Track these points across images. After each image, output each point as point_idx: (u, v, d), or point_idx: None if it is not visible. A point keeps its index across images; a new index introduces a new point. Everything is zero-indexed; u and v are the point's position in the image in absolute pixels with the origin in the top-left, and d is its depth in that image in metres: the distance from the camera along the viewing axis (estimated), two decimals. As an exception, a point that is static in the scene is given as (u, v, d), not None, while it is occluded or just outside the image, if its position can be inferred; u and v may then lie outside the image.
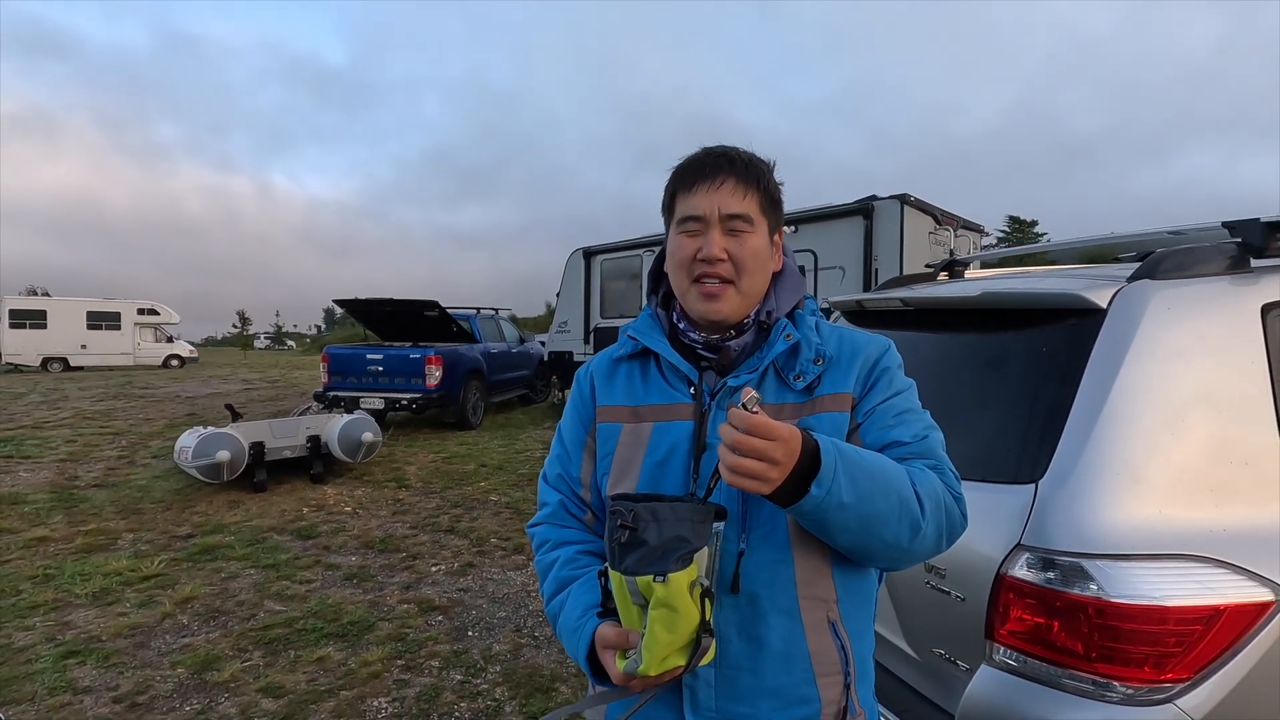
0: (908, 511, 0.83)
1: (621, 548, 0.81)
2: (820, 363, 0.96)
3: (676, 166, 1.00)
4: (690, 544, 0.80)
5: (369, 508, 5.62)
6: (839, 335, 1.01)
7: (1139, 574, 1.14)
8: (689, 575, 0.79)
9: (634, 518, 0.80)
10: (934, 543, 0.87)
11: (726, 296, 0.96)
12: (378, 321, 10.95)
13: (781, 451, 0.76)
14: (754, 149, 1.01)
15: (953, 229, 7.55)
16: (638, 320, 1.09)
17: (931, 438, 0.94)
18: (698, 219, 0.96)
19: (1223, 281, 1.38)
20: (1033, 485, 1.27)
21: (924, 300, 1.72)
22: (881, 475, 0.83)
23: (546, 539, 1.07)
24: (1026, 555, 1.24)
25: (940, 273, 2.42)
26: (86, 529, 4.94)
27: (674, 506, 0.81)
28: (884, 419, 0.94)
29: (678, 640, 0.80)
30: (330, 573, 4.14)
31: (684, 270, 0.98)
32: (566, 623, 0.97)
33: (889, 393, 0.96)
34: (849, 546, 0.86)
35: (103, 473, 6.79)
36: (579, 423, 1.09)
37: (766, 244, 0.98)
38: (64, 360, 24.36)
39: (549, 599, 1.03)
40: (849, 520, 0.81)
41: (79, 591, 3.77)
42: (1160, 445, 1.22)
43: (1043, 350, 1.42)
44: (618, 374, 1.07)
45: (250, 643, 3.21)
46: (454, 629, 3.38)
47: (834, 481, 0.79)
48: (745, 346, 0.99)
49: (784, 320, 1.00)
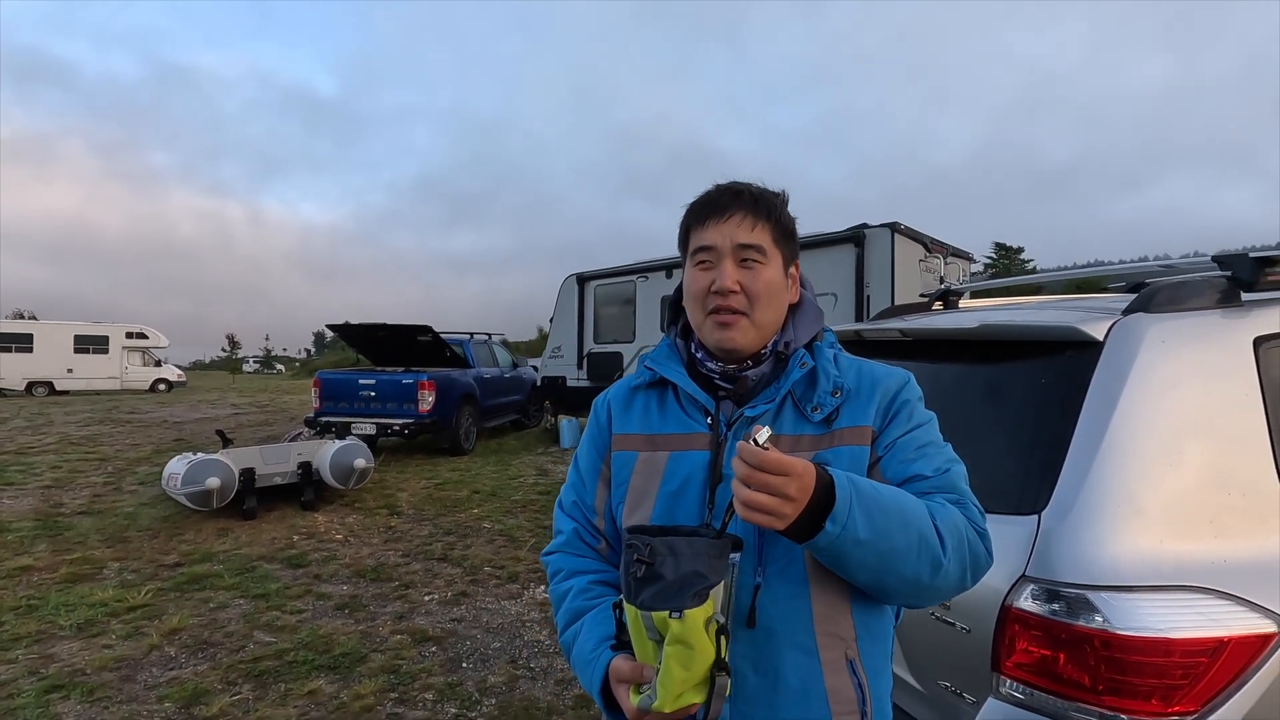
0: (928, 548, 0.83)
1: (638, 582, 0.81)
2: (838, 395, 0.96)
3: (690, 203, 1.03)
4: (707, 580, 0.80)
5: (360, 535, 5.55)
6: (858, 367, 1.01)
7: (1144, 606, 1.15)
8: (705, 611, 0.79)
9: (650, 552, 0.80)
10: (957, 579, 0.86)
11: (740, 327, 0.97)
12: (370, 346, 10.93)
13: (795, 487, 0.77)
14: (741, 176, 1.04)
15: (943, 256, 7.66)
16: (656, 350, 1.11)
17: (954, 471, 0.94)
18: (710, 250, 0.98)
19: (1214, 315, 1.41)
20: (1035, 516, 1.28)
21: (922, 331, 1.75)
22: (899, 511, 0.83)
23: (561, 568, 1.08)
24: (1031, 587, 1.24)
25: (935, 302, 2.46)
26: (71, 558, 4.85)
27: (691, 541, 0.81)
28: (905, 452, 0.94)
29: (693, 677, 0.79)
30: (321, 602, 4.07)
31: (698, 302, 1.00)
32: (580, 654, 0.97)
33: (910, 426, 0.96)
34: (868, 583, 0.86)
35: (88, 499, 6.69)
36: (595, 450, 1.10)
37: (781, 276, 1.00)
38: (49, 384, 24.10)
39: (563, 629, 1.03)
40: (866, 557, 0.82)
41: (63, 623, 3.69)
42: (1160, 476, 1.24)
43: (1041, 382, 1.44)
44: (635, 403, 1.08)
45: (239, 675, 3.14)
46: (448, 660, 3.33)
47: (849, 517, 0.79)
48: (762, 377, 1.00)
49: (801, 350, 1.01)
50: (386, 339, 10.35)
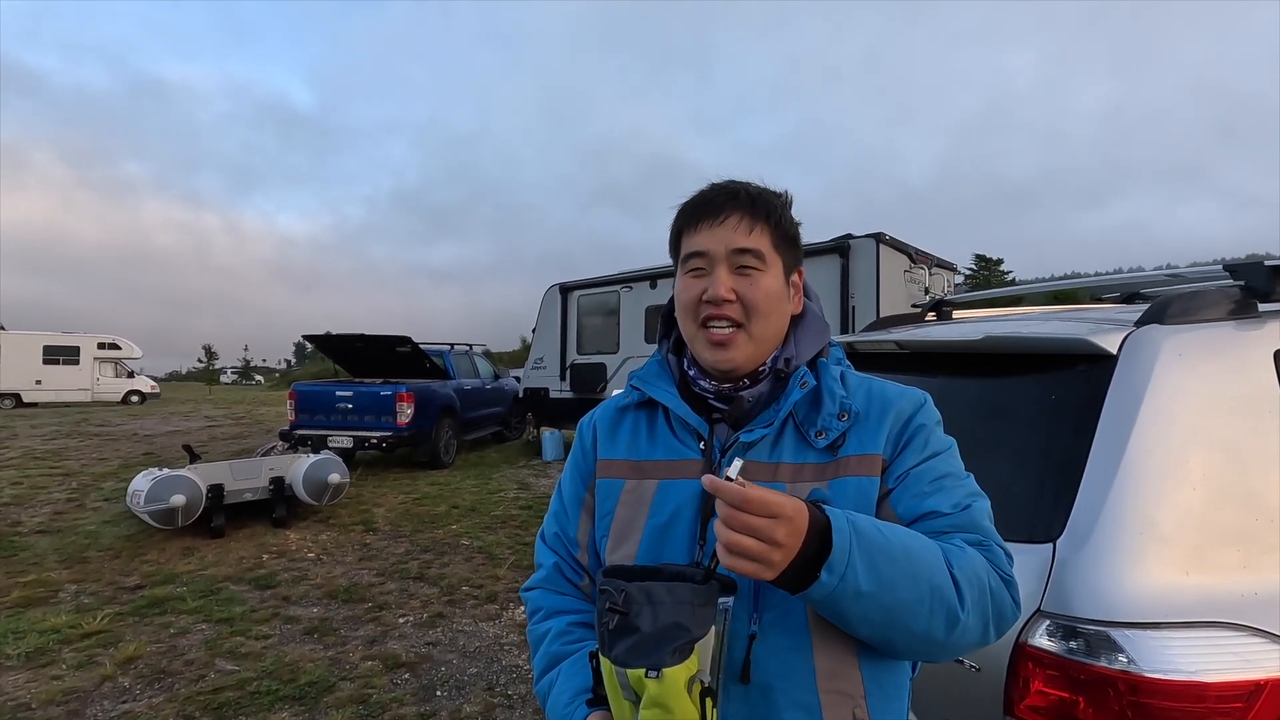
0: (941, 601, 0.73)
1: (611, 634, 0.70)
2: (845, 418, 0.87)
3: (682, 203, 0.93)
4: (689, 633, 0.69)
5: (334, 553, 5.35)
6: (868, 387, 0.91)
7: (1172, 645, 1.05)
8: (687, 670, 0.69)
9: (625, 600, 0.69)
10: (978, 635, 0.76)
11: (736, 342, 0.87)
12: (348, 357, 10.71)
13: (784, 531, 0.66)
14: None
15: (927, 267, 7.66)
16: (645, 366, 1.01)
17: (975, 508, 0.83)
18: (703, 255, 0.88)
19: (1228, 326, 1.33)
20: (1050, 545, 1.18)
21: (921, 344, 1.66)
22: (907, 559, 0.72)
23: (540, 606, 0.98)
24: (1047, 623, 1.14)
25: (928, 313, 2.38)
26: (25, 580, 4.61)
27: (672, 588, 0.71)
28: (919, 485, 0.84)
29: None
30: (289, 626, 3.89)
31: (690, 313, 0.90)
32: (555, 708, 0.87)
33: (925, 454, 0.85)
34: (872, 639, 0.76)
35: (48, 517, 6.41)
36: (578, 477, 1.00)
37: (781, 284, 0.90)
38: (16, 396, 23.42)
39: (539, 676, 0.93)
40: (869, 611, 0.71)
41: (10, 652, 3.48)
42: (1182, 500, 1.15)
43: (1051, 398, 1.35)
44: (623, 425, 0.98)
45: (197, 708, 2.96)
46: (421, 689, 3.17)
47: (848, 566, 0.69)
48: (760, 397, 0.90)
49: (803, 368, 0.91)
50: (365, 350, 10.14)
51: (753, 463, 0.85)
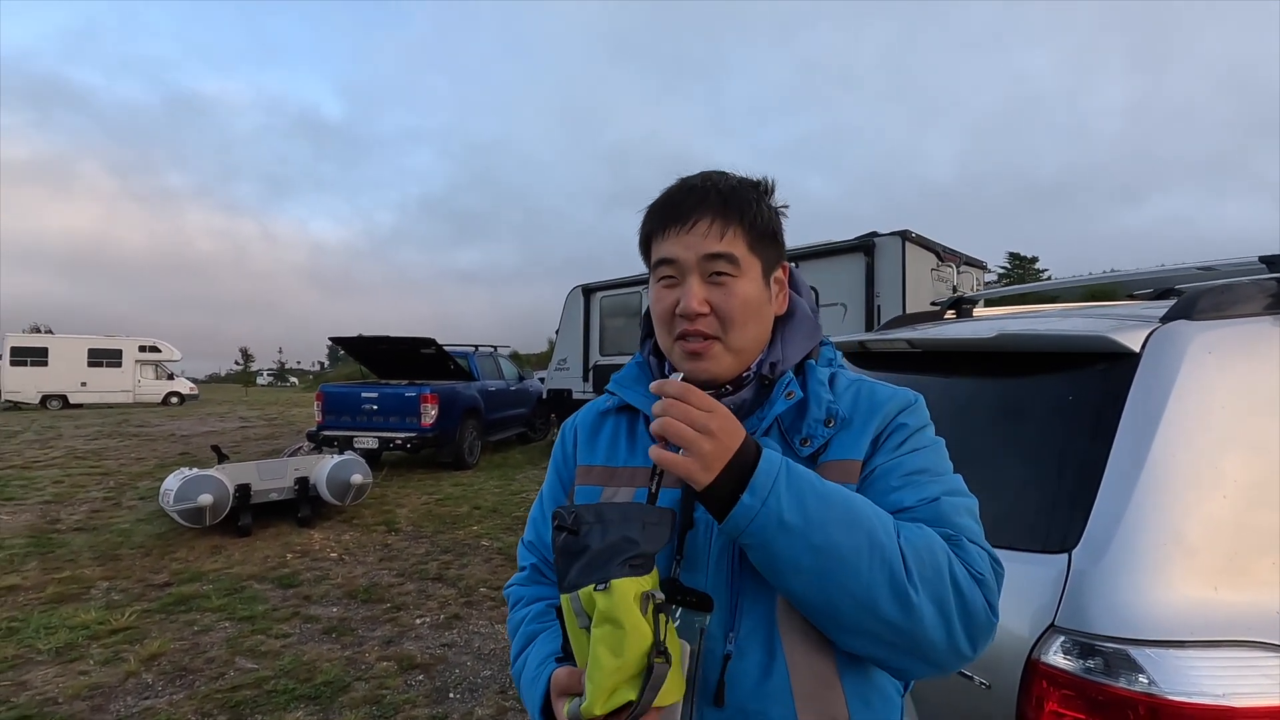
0: (883, 561, 0.67)
1: (564, 559, 0.68)
2: (831, 424, 0.81)
3: (650, 204, 0.87)
4: (639, 546, 0.67)
5: (355, 553, 5.40)
6: (857, 390, 0.85)
7: (1197, 665, 0.97)
8: (638, 584, 0.65)
9: (575, 520, 0.68)
10: (937, 631, 0.68)
11: (713, 354, 0.82)
12: (375, 359, 10.85)
13: (718, 424, 0.68)
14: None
15: (955, 265, 7.47)
16: (624, 370, 0.97)
17: (947, 502, 0.75)
18: (672, 264, 0.82)
19: (1264, 322, 1.24)
20: (1065, 555, 1.11)
21: (932, 342, 1.58)
22: (845, 503, 0.69)
23: (520, 597, 0.97)
24: (1062, 639, 1.07)
25: (947, 311, 2.30)
26: (60, 576, 4.74)
27: (622, 507, 0.71)
28: (888, 480, 0.77)
29: (627, 666, 0.63)
30: (309, 625, 3.92)
31: (664, 325, 0.85)
32: (525, 677, 0.84)
33: (901, 451, 0.80)
34: (816, 604, 0.69)
35: (86, 515, 6.60)
36: (558, 483, 0.97)
37: (759, 288, 0.84)
38: (63, 398, 24.29)
39: (514, 657, 0.90)
40: (799, 552, 0.67)
41: (42, 647, 3.56)
42: (1212, 509, 1.07)
43: (1069, 399, 1.27)
44: (603, 429, 0.94)
45: (215, 706, 2.99)
46: (435, 690, 3.16)
47: (772, 491, 0.67)
48: (743, 404, 0.84)
49: (789, 375, 0.85)
50: (390, 352, 10.27)
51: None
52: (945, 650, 0.69)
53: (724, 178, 0.85)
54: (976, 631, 0.70)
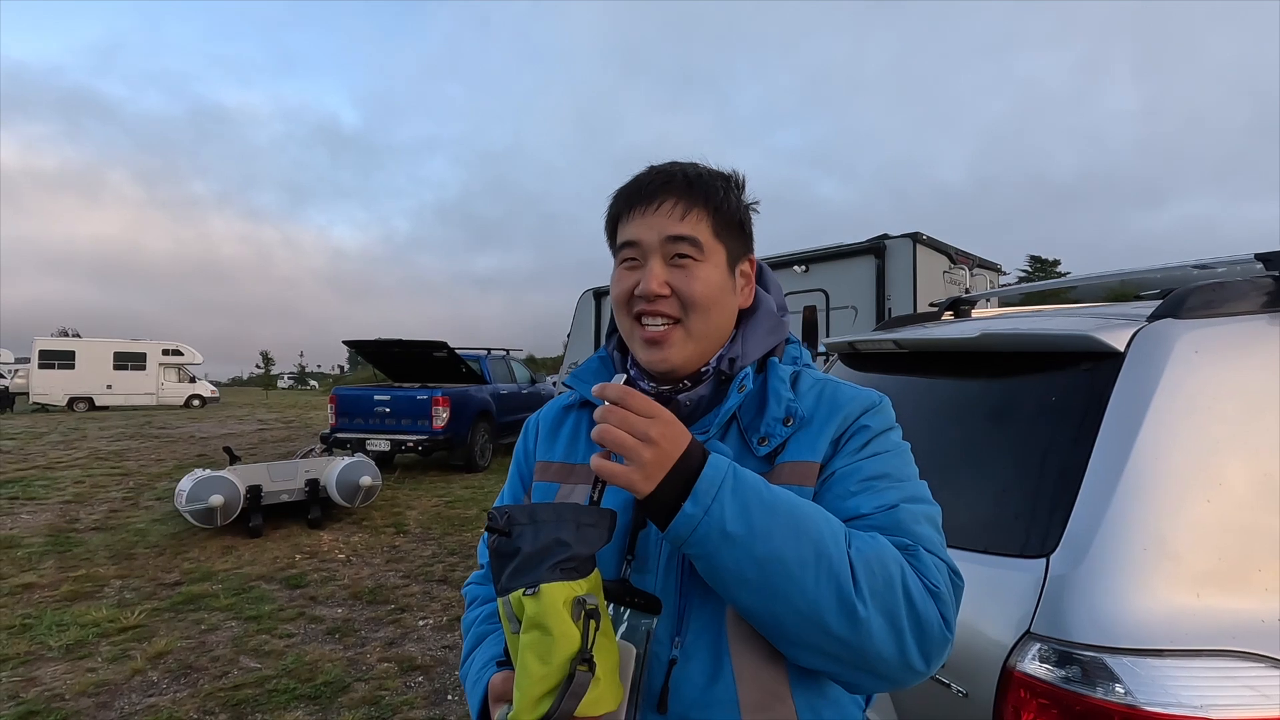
0: (829, 574, 0.64)
1: (497, 560, 0.67)
2: (790, 423, 0.79)
3: (617, 189, 0.86)
4: (570, 549, 0.65)
5: (363, 555, 5.44)
6: (820, 390, 0.83)
7: (1176, 675, 0.93)
8: (569, 590, 0.63)
9: (507, 520, 0.66)
10: (887, 644, 0.65)
11: (673, 340, 0.80)
12: (388, 363, 10.95)
13: (659, 430, 0.66)
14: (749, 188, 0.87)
15: (968, 267, 7.37)
16: (584, 364, 0.95)
17: (905, 510, 0.72)
18: (635, 246, 0.81)
19: (1259, 321, 1.20)
20: (1043, 560, 1.08)
21: (918, 342, 1.55)
22: (792, 513, 0.66)
23: (475, 596, 0.96)
24: (1038, 646, 1.03)
25: (945, 312, 2.26)
26: (75, 575, 4.82)
27: (557, 507, 0.68)
28: (845, 485, 0.75)
29: (552, 673, 0.61)
30: (313, 626, 3.95)
31: (624, 308, 0.83)
32: (469, 680, 0.84)
33: (861, 455, 0.77)
34: (760, 615, 0.67)
35: (104, 515, 6.72)
36: (518, 478, 0.96)
37: (723, 275, 0.82)
38: (89, 400, 24.80)
39: (463, 660, 0.89)
40: (742, 563, 0.64)
41: (53, 644, 3.63)
42: (1195, 514, 1.03)
43: (1051, 400, 1.24)
44: (564, 425, 0.93)
45: (217, 704, 3.02)
46: (433, 692, 3.17)
47: (715, 499, 0.64)
48: (700, 401, 0.82)
49: (747, 370, 0.83)
50: (403, 355, 10.35)
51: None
52: (897, 665, 0.66)
53: (692, 166, 0.85)
54: (930, 646, 0.67)
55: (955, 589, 0.70)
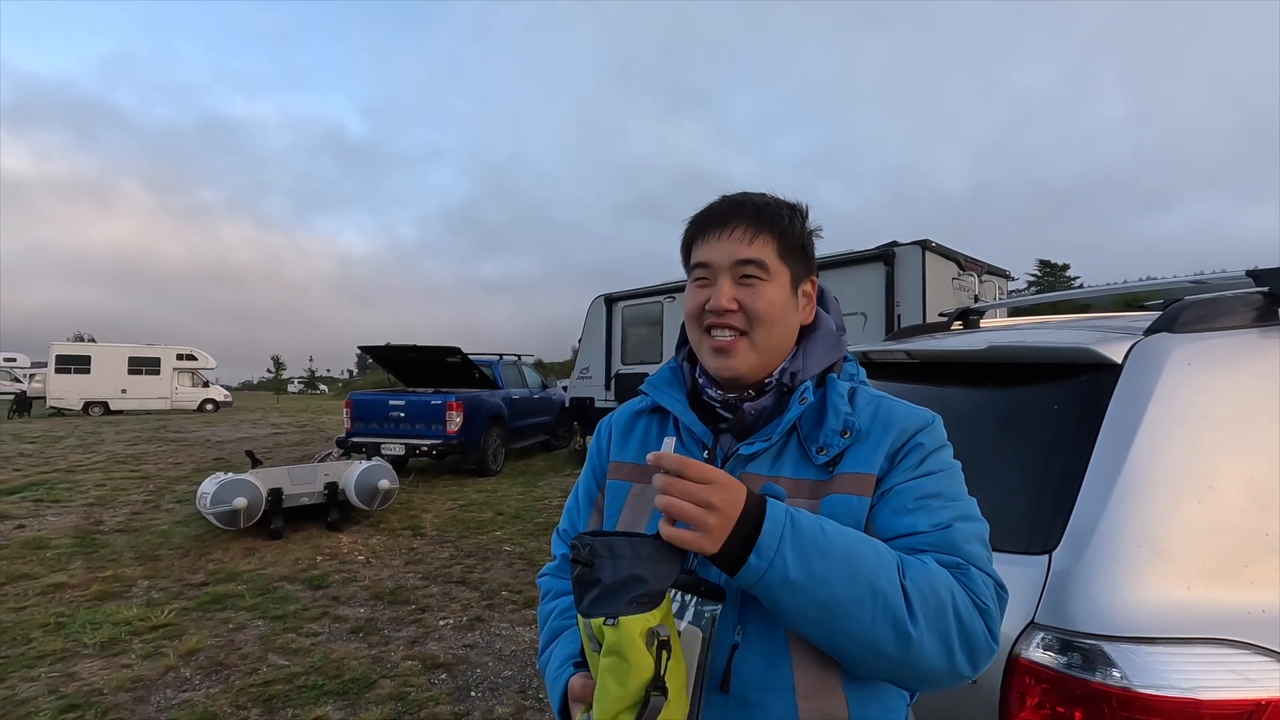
0: (885, 608, 0.71)
1: (579, 586, 0.74)
2: (848, 435, 0.85)
3: (692, 215, 0.96)
4: (646, 584, 0.71)
5: (382, 556, 5.56)
6: (876, 405, 0.89)
7: (1168, 661, 1.02)
8: (645, 621, 0.70)
9: (589, 552, 0.73)
10: (941, 659, 0.72)
11: (739, 350, 0.89)
12: (401, 368, 11.09)
13: (719, 496, 0.71)
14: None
15: (977, 274, 7.44)
16: (657, 373, 1.04)
17: (958, 530, 0.79)
18: (707, 266, 0.91)
19: (1250, 334, 1.29)
20: (1046, 556, 1.17)
21: (928, 353, 1.64)
22: (848, 558, 0.72)
23: (550, 588, 1.05)
24: (1042, 635, 1.12)
25: (955, 322, 2.34)
26: (104, 575, 4.95)
27: (633, 542, 0.73)
28: (901, 501, 0.81)
29: (628, 695, 0.70)
30: (337, 625, 4.06)
31: (695, 322, 0.93)
32: (549, 674, 0.93)
33: (916, 473, 0.83)
34: (818, 640, 0.75)
35: (127, 517, 6.86)
36: (592, 477, 1.05)
37: (787, 294, 0.90)
38: (105, 404, 25.09)
39: (541, 649, 0.98)
40: (803, 605, 0.72)
41: (87, 641, 3.75)
42: (1186, 514, 1.12)
43: (1054, 408, 1.33)
44: (636, 429, 1.02)
45: (249, 699, 3.13)
46: (456, 689, 3.27)
47: (778, 553, 0.70)
48: (763, 411, 0.90)
49: (807, 383, 0.90)
50: (417, 360, 10.49)
51: (750, 474, 0.87)
52: (947, 674, 0.74)
53: (760, 195, 0.94)
54: (977, 657, 0.75)
55: (1001, 602, 0.78)
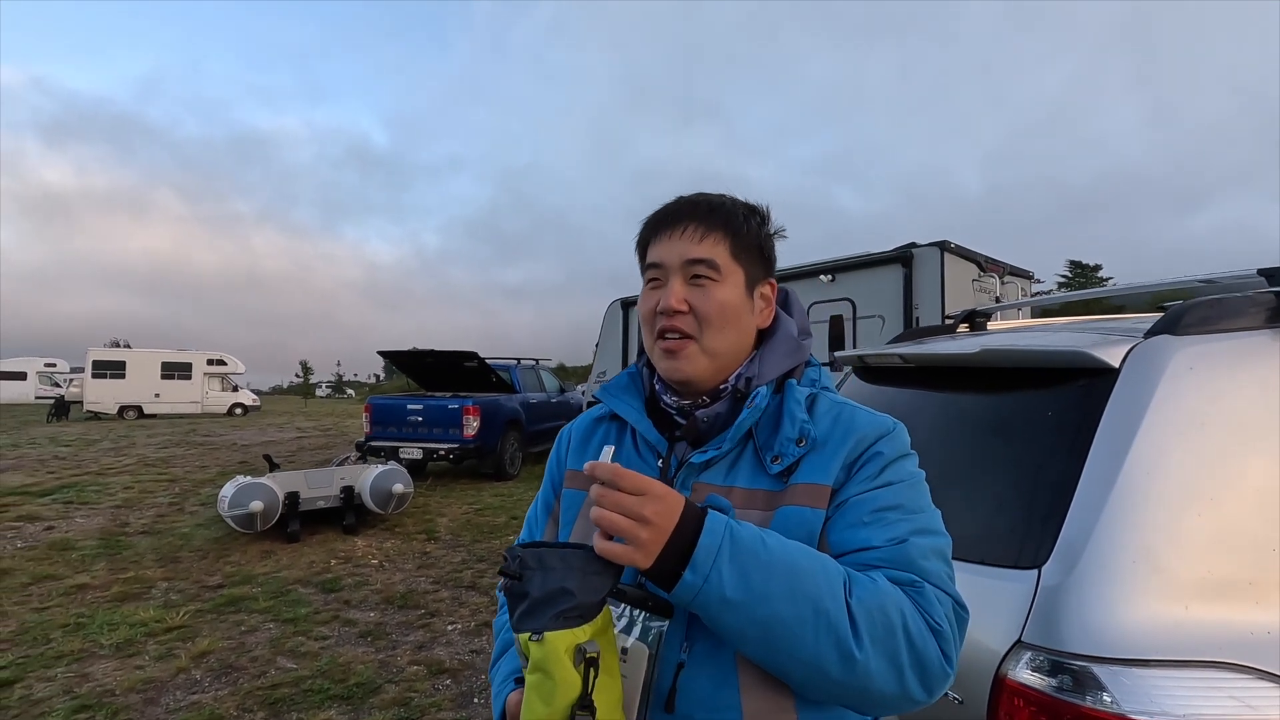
0: (828, 627, 0.67)
1: (509, 599, 0.71)
2: (803, 444, 0.81)
3: (647, 216, 0.93)
4: (574, 599, 0.67)
5: (395, 560, 5.59)
6: (836, 414, 0.84)
7: (1162, 684, 0.96)
8: (572, 637, 0.66)
9: (519, 564, 0.70)
10: (887, 682, 0.68)
11: (688, 354, 0.85)
12: (420, 372, 11.19)
13: (652, 509, 0.67)
14: (761, 199, 0.93)
15: (998, 275, 7.26)
16: (615, 379, 1.00)
17: (914, 545, 0.74)
18: (659, 267, 0.87)
19: (1260, 337, 1.22)
20: (1034, 571, 1.11)
21: (922, 357, 1.59)
22: (790, 574, 0.68)
23: None
24: (1029, 655, 1.07)
25: (960, 324, 2.27)
26: (125, 576, 5.04)
27: (564, 554, 0.70)
28: (857, 514, 0.76)
29: (554, 714, 0.66)
30: (346, 629, 4.08)
31: (648, 324, 0.89)
32: (493, 689, 0.91)
33: (874, 484, 0.78)
34: (761, 660, 0.71)
35: (152, 519, 7.00)
36: (550, 485, 1.02)
37: (740, 296, 0.86)
38: (139, 408, 25.74)
39: (492, 664, 0.96)
40: (743, 624, 0.68)
41: (104, 642, 3.81)
42: (1185, 529, 1.05)
43: (1048, 414, 1.27)
44: (595, 436, 0.99)
45: (256, 702, 3.15)
46: (460, 695, 3.25)
47: (713, 568, 0.66)
48: (717, 418, 0.86)
49: (760, 389, 0.85)
50: (435, 365, 10.58)
51: (703, 484, 0.83)
52: (899, 699, 0.70)
53: (717, 196, 0.91)
54: (931, 680, 0.70)
55: (959, 622, 0.73)
